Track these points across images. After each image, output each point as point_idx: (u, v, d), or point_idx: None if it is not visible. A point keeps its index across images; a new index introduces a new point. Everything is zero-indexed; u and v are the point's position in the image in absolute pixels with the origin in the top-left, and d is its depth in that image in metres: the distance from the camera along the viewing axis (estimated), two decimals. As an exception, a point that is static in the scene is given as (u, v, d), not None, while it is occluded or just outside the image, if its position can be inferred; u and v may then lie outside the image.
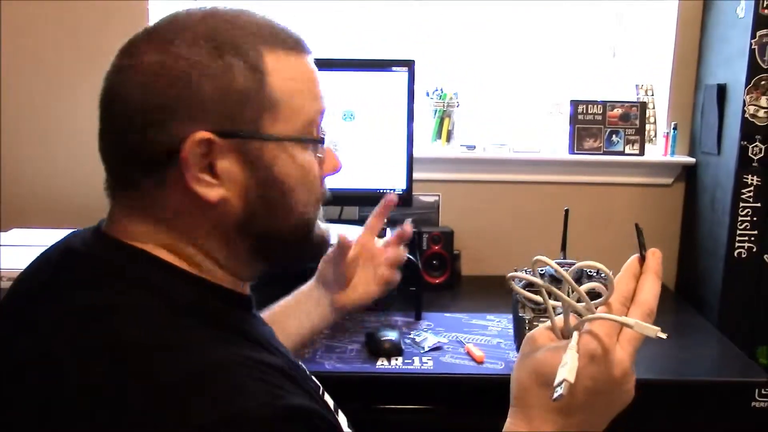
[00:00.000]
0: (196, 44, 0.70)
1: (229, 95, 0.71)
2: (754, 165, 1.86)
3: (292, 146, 0.75)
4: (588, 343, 0.69)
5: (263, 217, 0.75)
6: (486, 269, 2.18)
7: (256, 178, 0.73)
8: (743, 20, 1.85)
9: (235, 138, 0.71)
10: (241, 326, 0.74)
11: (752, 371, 1.57)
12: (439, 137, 2.19)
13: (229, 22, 0.73)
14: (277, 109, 0.73)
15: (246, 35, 0.73)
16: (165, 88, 0.69)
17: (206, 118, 0.70)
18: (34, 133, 2.08)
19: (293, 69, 0.76)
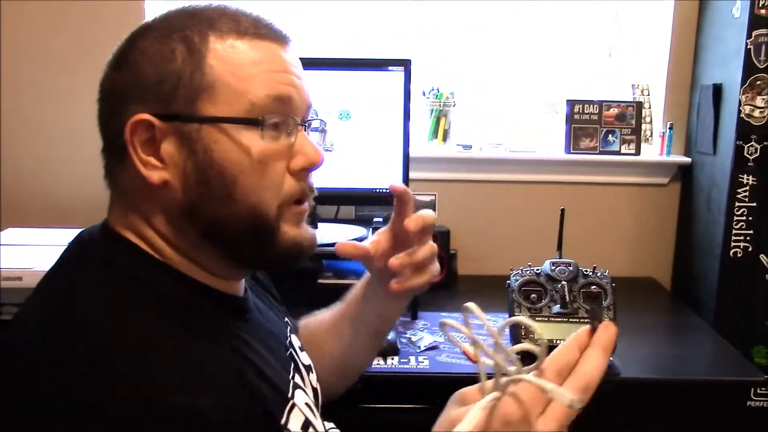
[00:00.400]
0: (152, 34, 0.75)
1: (167, 78, 0.73)
2: (750, 165, 1.86)
3: (234, 129, 0.74)
4: (506, 406, 0.61)
5: (206, 203, 0.74)
6: (482, 269, 2.18)
7: (193, 162, 0.74)
8: (739, 20, 1.85)
9: (174, 120, 0.73)
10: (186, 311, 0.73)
11: (748, 370, 1.57)
12: (436, 137, 2.19)
13: (191, 13, 0.76)
14: (215, 91, 0.73)
15: (198, 22, 0.75)
16: (122, 76, 0.75)
17: (147, 101, 0.73)
18: (32, 132, 2.08)
19: (243, 53, 0.75)
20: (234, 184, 0.74)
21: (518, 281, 1.55)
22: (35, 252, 1.58)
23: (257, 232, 0.76)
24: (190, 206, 0.74)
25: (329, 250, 1.78)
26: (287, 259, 0.80)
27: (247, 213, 0.75)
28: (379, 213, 2.07)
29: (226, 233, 0.76)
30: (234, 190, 0.74)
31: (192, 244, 0.76)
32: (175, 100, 0.73)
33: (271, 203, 0.76)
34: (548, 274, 1.55)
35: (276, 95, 0.75)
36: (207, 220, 0.75)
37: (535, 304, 1.52)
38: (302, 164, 0.78)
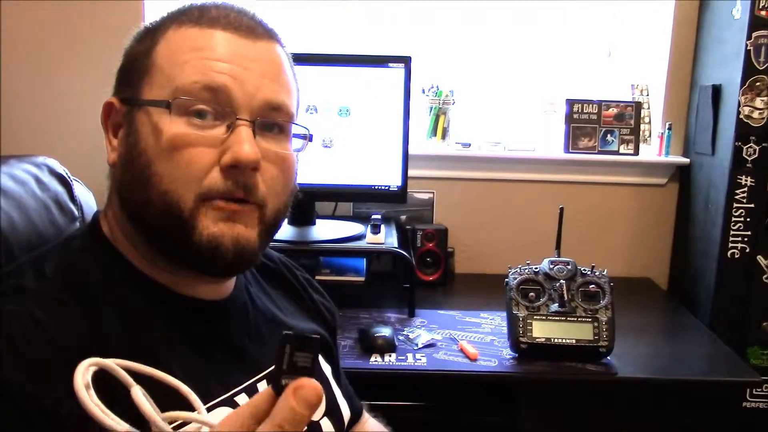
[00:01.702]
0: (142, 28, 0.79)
1: (128, 62, 0.78)
2: (748, 166, 1.87)
3: (157, 113, 0.72)
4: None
5: (129, 186, 0.75)
6: (480, 267, 2.19)
7: (126, 144, 0.75)
8: (739, 21, 1.85)
9: (126, 104, 0.76)
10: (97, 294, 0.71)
11: (744, 371, 1.57)
12: (435, 134, 2.19)
13: (180, 8, 0.79)
14: (152, 75, 0.75)
15: (172, 15, 0.78)
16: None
17: (118, 86, 0.79)
18: (33, 132, 2.07)
19: (186, 39, 0.74)
20: (149, 168, 0.72)
21: (516, 279, 1.55)
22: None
23: (170, 222, 0.72)
24: (120, 188, 0.76)
25: (326, 246, 1.79)
26: (202, 256, 0.73)
27: (160, 200, 0.72)
28: (376, 210, 2.07)
29: (144, 220, 0.74)
30: (149, 174, 0.72)
31: (128, 230, 0.77)
32: (129, 84, 0.76)
33: (185, 194, 0.72)
34: (546, 273, 1.55)
35: (206, 83, 0.72)
36: (131, 204, 0.75)
37: (533, 303, 1.52)
38: (228, 160, 0.72)
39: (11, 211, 0.88)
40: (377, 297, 1.89)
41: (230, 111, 0.73)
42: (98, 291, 0.72)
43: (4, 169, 0.93)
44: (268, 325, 0.89)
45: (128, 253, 0.77)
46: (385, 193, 1.87)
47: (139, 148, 0.73)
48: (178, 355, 0.73)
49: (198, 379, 0.71)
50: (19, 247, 0.86)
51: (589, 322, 1.50)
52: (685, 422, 1.54)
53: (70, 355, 0.60)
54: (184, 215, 0.72)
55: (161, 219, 0.72)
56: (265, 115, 0.76)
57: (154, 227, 0.73)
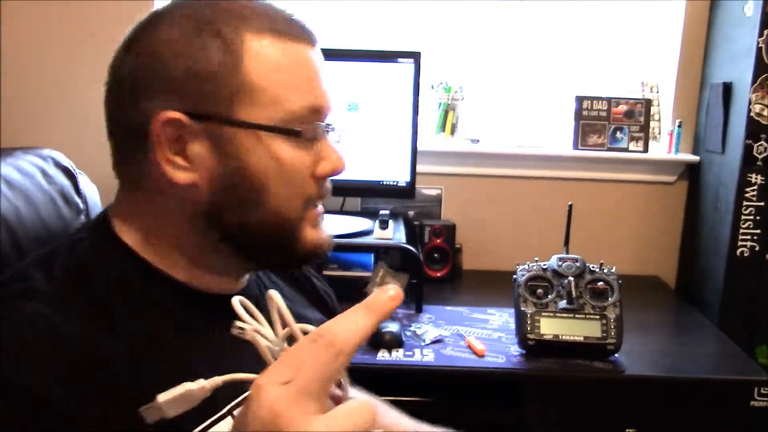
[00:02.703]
0: (178, 24, 0.72)
1: (201, 76, 0.70)
2: (759, 164, 1.86)
3: (269, 137, 0.71)
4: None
5: (232, 209, 0.73)
6: (487, 264, 2.18)
7: (225, 166, 0.71)
8: (750, 19, 1.84)
9: (206, 121, 0.70)
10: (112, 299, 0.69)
11: (752, 370, 1.57)
12: (443, 130, 2.18)
13: (220, 5, 0.72)
14: (252, 95, 0.71)
15: (231, 17, 0.71)
16: (144, 66, 0.71)
17: (177, 98, 0.70)
18: (33, 133, 2.07)
19: (279, 56, 0.72)
20: (263, 191, 0.72)
21: (524, 276, 1.55)
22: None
23: (280, 237, 0.75)
24: (214, 210, 0.73)
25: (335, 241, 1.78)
26: (306, 260, 0.80)
27: (273, 219, 0.74)
28: (384, 205, 2.06)
29: (249, 238, 0.74)
30: (262, 197, 0.72)
31: (207, 246, 0.75)
32: (209, 100, 0.70)
33: (295, 208, 0.75)
34: (555, 270, 1.55)
35: (311, 105, 0.74)
36: (231, 225, 0.73)
37: (541, 299, 1.52)
38: (328, 171, 0.77)
39: (18, 203, 0.87)
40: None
41: (321, 125, 0.76)
42: (111, 290, 0.70)
43: (9, 161, 0.92)
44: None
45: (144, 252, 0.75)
46: (393, 189, 1.87)
47: (249, 171, 0.71)
48: (199, 349, 0.73)
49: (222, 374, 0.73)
50: (27, 240, 0.85)
51: (597, 319, 1.50)
52: (693, 421, 1.54)
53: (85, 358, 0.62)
54: (292, 228, 0.76)
55: (272, 234, 0.75)
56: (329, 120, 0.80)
57: (263, 242, 0.75)
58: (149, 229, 0.75)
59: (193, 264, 0.76)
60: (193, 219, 0.73)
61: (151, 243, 0.74)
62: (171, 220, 0.74)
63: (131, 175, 0.75)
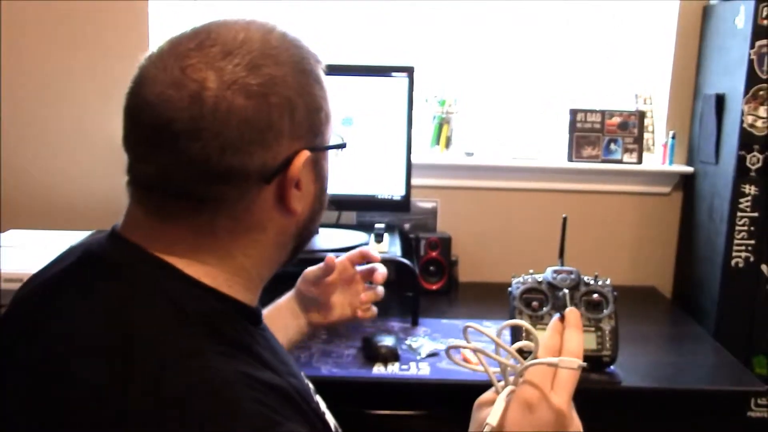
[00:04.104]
0: (282, 64, 0.71)
1: (314, 112, 0.75)
2: (752, 174, 1.86)
3: (331, 156, 0.82)
4: (524, 393, 0.74)
5: (315, 220, 0.82)
6: (483, 276, 2.18)
7: (320, 186, 0.80)
8: (742, 30, 1.85)
9: (317, 151, 0.77)
10: (246, 341, 0.71)
11: (748, 380, 1.57)
12: (438, 143, 2.19)
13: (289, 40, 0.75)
14: (330, 119, 0.79)
15: (306, 52, 0.77)
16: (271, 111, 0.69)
17: (303, 136, 0.74)
18: (34, 134, 2.08)
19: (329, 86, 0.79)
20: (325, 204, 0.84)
21: (519, 288, 1.55)
22: (36, 254, 1.58)
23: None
24: (305, 224, 0.81)
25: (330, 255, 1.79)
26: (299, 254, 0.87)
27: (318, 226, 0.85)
28: (380, 219, 2.07)
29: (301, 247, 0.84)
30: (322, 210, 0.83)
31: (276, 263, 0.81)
32: (321, 133, 0.77)
33: None
34: (550, 282, 1.55)
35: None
36: (305, 236, 0.82)
37: (536, 312, 1.52)
38: None
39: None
40: (380, 306, 1.87)
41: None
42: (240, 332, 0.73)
43: None
44: None
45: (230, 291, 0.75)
46: (388, 202, 1.88)
47: (326, 187, 0.82)
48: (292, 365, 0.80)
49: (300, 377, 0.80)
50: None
51: (593, 331, 1.50)
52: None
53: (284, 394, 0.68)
54: None
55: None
56: None
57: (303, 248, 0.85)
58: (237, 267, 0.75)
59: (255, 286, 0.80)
60: (287, 241, 0.80)
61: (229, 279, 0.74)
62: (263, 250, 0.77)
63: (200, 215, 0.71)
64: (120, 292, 0.69)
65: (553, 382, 0.74)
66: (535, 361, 0.75)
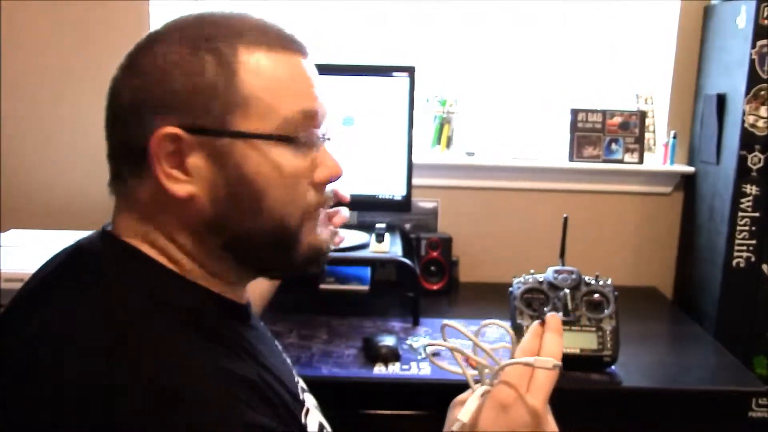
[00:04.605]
0: (176, 42, 0.73)
1: (198, 91, 0.72)
2: (753, 175, 1.86)
3: (266, 145, 0.74)
4: (499, 393, 0.75)
5: (234, 217, 0.74)
6: (484, 276, 2.18)
7: (224, 176, 0.73)
8: (743, 30, 1.85)
9: (204, 134, 0.72)
10: (216, 328, 0.73)
11: (749, 381, 1.57)
12: (439, 143, 2.19)
13: (215, 22, 0.75)
14: (248, 106, 0.73)
15: (225, 33, 0.74)
16: (144, 85, 0.72)
17: (175, 113, 0.72)
18: (34, 134, 2.08)
19: (273, 67, 0.74)
20: (263, 198, 0.74)
21: (520, 289, 1.55)
22: (36, 254, 1.58)
23: (280, 243, 0.77)
24: (216, 219, 0.74)
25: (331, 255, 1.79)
26: (307, 264, 0.81)
27: (272, 226, 0.76)
28: (381, 219, 2.07)
29: (250, 245, 0.76)
30: (262, 205, 0.74)
31: (212, 254, 0.76)
32: (207, 113, 0.72)
33: (295, 215, 0.77)
34: (551, 282, 1.55)
35: (305, 111, 0.76)
36: (232, 233, 0.75)
37: (537, 312, 1.52)
38: (325, 177, 0.80)
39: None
40: (381, 306, 1.89)
41: (317, 132, 0.78)
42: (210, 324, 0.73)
43: None
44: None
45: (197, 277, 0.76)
46: (389, 202, 1.88)
47: (247, 180, 0.73)
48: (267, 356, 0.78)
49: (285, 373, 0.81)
50: None
51: (594, 331, 1.50)
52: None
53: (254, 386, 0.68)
54: (292, 233, 0.77)
55: (272, 241, 0.77)
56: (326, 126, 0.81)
57: (263, 249, 0.77)
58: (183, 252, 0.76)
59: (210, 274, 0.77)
60: (195, 232, 0.75)
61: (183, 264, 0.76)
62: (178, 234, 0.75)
63: (133, 194, 0.75)
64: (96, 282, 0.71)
65: (530, 383, 0.75)
66: (511, 361, 0.76)
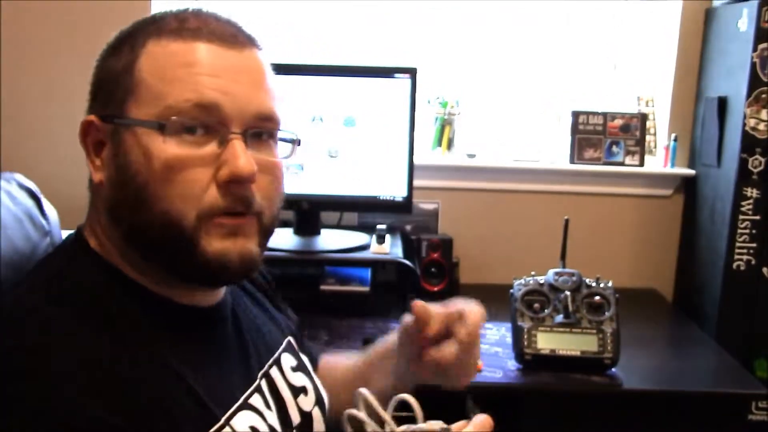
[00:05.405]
0: (118, 35, 0.78)
1: (109, 79, 0.75)
2: (754, 178, 1.86)
3: (145, 134, 0.71)
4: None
5: (123, 206, 0.73)
6: (485, 278, 2.18)
7: (116, 164, 0.73)
8: (744, 33, 1.85)
9: (109, 122, 0.74)
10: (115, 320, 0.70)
11: (749, 383, 1.57)
12: (440, 145, 2.19)
13: (158, 15, 0.77)
14: (139, 93, 0.72)
15: (147, 26, 0.76)
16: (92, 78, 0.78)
17: (95, 103, 0.76)
18: (34, 134, 2.08)
19: (173, 54, 0.72)
20: (144, 189, 0.71)
21: (521, 290, 1.55)
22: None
23: (172, 242, 0.72)
24: (112, 208, 0.75)
25: (332, 256, 1.79)
26: (208, 273, 0.74)
27: (159, 221, 0.71)
28: (382, 220, 2.07)
29: (143, 239, 0.73)
30: (145, 196, 0.71)
31: (121, 246, 0.75)
32: (112, 101, 0.74)
33: (186, 213, 0.71)
34: (551, 284, 1.55)
35: (198, 101, 0.71)
36: (126, 224, 0.73)
37: (538, 314, 1.52)
38: (225, 176, 0.72)
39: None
40: (382, 307, 1.89)
41: (223, 126, 0.72)
42: (113, 312, 0.71)
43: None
44: (253, 323, 0.91)
45: (123, 268, 0.75)
46: (390, 204, 1.88)
47: (132, 170, 0.71)
48: (196, 366, 0.74)
49: (221, 388, 0.76)
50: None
51: (594, 333, 1.50)
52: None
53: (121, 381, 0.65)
54: (187, 234, 0.72)
55: (162, 238, 0.72)
56: (255, 126, 0.75)
57: (155, 246, 0.73)
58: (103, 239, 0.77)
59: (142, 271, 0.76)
60: (104, 216, 0.76)
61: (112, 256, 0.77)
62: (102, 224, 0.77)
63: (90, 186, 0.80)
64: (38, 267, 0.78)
65: None
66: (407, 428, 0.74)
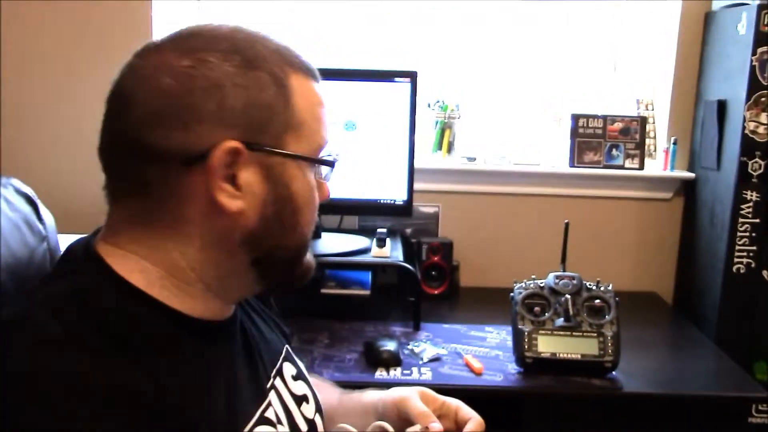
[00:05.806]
0: (226, 54, 0.72)
1: (258, 108, 0.73)
2: (754, 181, 1.87)
3: (307, 167, 0.78)
4: None
5: (274, 233, 0.76)
6: (485, 281, 2.19)
7: (274, 194, 0.75)
8: (744, 37, 1.86)
9: (261, 151, 0.73)
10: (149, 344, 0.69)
11: (749, 386, 1.57)
12: (440, 148, 2.19)
13: (256, 39, 0.76)
14: (300, 128, 0.76)
15: (272, 53, 0.75)
16: (195, 92, 0.70)
17: (235, 128, 0.72)
18: (34, 134, 2.08)
19: (312, 94, 0.78)
20: (300, 215, 0.78)
21: (521, 294, 1.55)
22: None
23: (295, 260, 0.81)
24: (257, 234, 0.75)
25: (332, 259, 1.79)
26: (300, 280, 0.84)
27: (299, 243, 0.80)
28: (382, 223, 2.07)
29: (275, 260, 0.79)
30: (298, 222, 0.78)
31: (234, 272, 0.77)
32: (265, 131, 0.73)
33: (309, 234, 0.82)
34: (552, 287, 1.55)
35: (326, 139, 0.81)
36: (267, 249, 0.77)
37: (538, 317, 1.53)
38: (324, 199, 0.84)
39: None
40: (382, 310, 1.89)
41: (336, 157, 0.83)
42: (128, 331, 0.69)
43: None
44: (259, 334, 0.92)
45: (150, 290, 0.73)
46: (390, 207, 1.88)
47: (293, 199, 0.77)
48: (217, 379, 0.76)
49: (239, 402, 0.78)
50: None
51: (595, 336, 1.50)
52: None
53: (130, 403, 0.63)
54: (305, 250, 0.83)
55: (294, 257, 0.81)
56: None
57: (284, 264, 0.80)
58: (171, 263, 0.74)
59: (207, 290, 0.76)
60: (232, 245, 0.75)
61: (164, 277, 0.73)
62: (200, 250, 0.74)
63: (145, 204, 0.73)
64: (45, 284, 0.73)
65: None
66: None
